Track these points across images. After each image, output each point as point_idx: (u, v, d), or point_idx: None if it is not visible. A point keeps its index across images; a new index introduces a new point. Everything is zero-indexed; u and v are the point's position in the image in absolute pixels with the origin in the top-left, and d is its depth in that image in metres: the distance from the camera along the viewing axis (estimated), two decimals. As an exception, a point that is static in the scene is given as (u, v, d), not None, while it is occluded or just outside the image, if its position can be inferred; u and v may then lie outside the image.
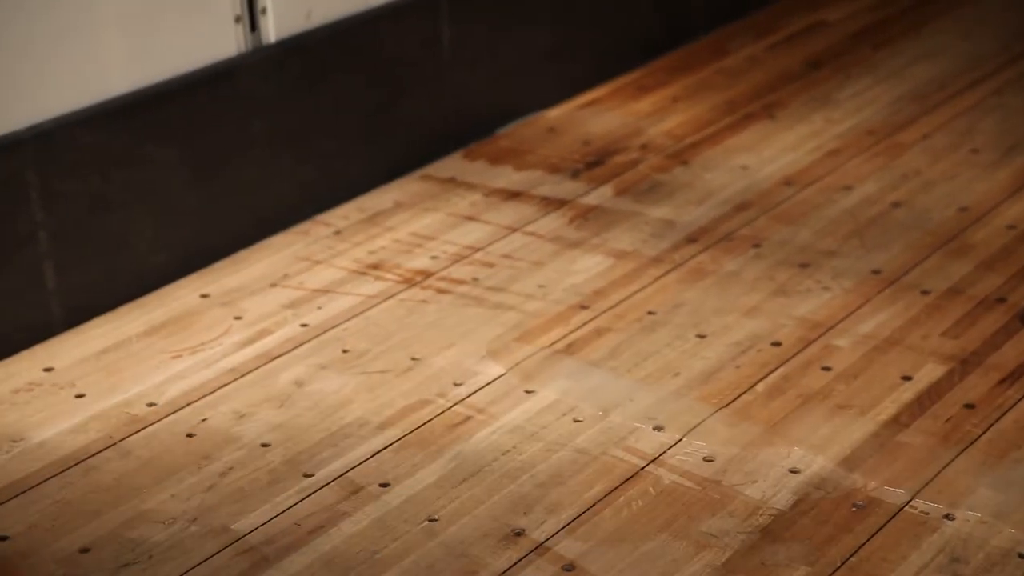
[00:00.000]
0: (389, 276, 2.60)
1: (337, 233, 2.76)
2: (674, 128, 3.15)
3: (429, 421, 2.21)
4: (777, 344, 2.37)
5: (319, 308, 2.51)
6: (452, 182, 2.94)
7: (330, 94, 2.80)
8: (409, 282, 2.59)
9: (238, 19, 2.64)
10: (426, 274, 2.61)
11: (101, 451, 2.16)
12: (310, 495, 2.06)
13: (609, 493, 2.04)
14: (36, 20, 2.35)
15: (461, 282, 2.58)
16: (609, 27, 3.38)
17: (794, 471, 2.07)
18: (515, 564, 1.92)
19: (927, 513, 1.97)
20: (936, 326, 2.40)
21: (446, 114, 3.04)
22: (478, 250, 2.68)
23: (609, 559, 1.92)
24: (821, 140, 3.07)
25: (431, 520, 2.00)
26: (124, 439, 2.19)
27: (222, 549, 1.96)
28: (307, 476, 2.09)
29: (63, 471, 2.12)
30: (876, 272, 2.56)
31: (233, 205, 2.69)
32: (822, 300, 2.49)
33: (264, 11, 2.68)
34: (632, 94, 3.32)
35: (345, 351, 2.39)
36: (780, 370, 2.30)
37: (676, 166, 2.98)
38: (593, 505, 2.02)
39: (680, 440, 2.14)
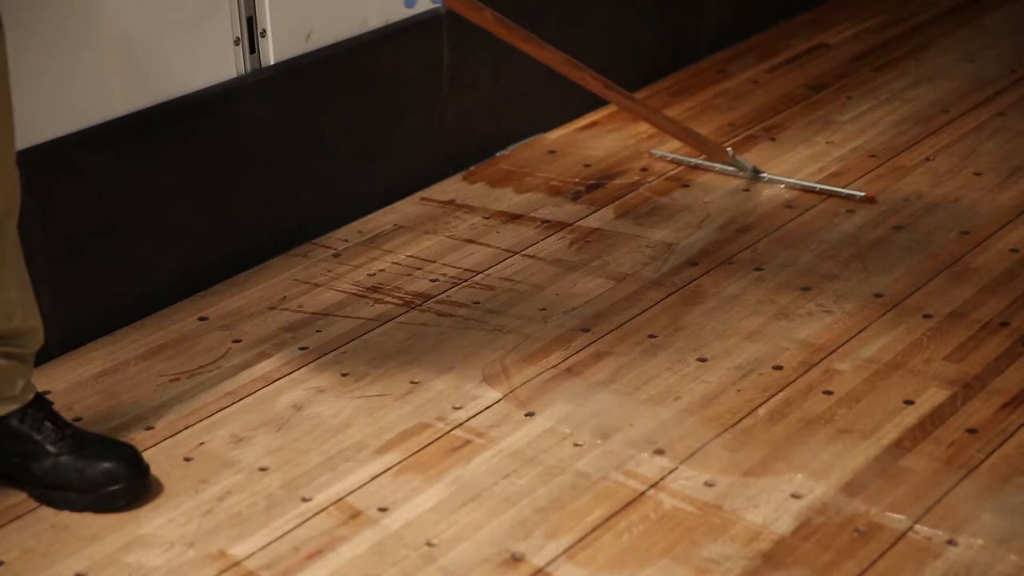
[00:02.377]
0: (389, 299, 2.59)
1: (336, 256, 2.75)
2: (675, 150, 3.14)
3: (428, 445, 2.20)
4: (779, 368, 2.36)
5: (318, 331, 2.50)
6: (452, 205, 2.93)
7: (330, 116, 2.80)
8: (409, 305, 2.58)
9: (237, 41, 2.64)
10: (426, 297, 2.60)
11: (98, 475, 2.15)
12: (308, 519, 2.04)
13: (609, 518, 2.03)
14: (36, 42, 2.34)
15: (461, 305, 2.57)
16: (610, 49, 3.37)
17: (796, 496, 2.05)
18: (514, 590, 1.91)
19: (930, 539, 1.96)
20: (938, 350, 2.39)
21: (446, 136, 3.03)
22: (478, 273, 2.67)
23: (609, 585, 1.91)
24: (823, 163, 3.06)
25: (430, 545, 1.99)
26: (121, 463, 2.18)
27: (219, 574, 1.95)
28: (305, 500, 2.08)
29: (60, 495, 2.11)
30: (878, 296, 2.55)
31: (232, 227, 2.68)
32: (824, 324, 2.48)
33: (264, 33, 2.67)
34: (633, 117, 3.32)
35: (344, 374, 2.38)
36: (781, 394, 2.29)
37: (677, 189, 2.97)
38: (593, 530, 2.01)
39: (681, 464, 2.13)
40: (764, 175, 2.97)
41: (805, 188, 2.92)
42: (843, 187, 2.92)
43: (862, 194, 2.86)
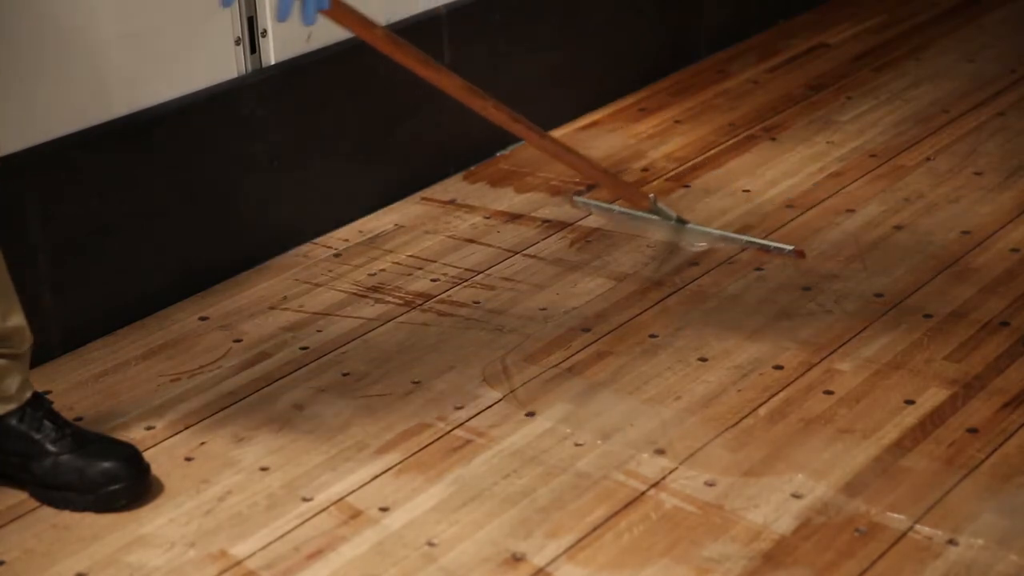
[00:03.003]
0: (389, 299, 2.59)
1: (337, 255, 2.75)
2: (676, 151, 3.14)
3: (429, 445, 2.20)
4: (779, 368, 2.36)
5: (319, 331, 2.50)
6: (452, 204, 2.93)
7: (330, 116, 2.80)
8: (409, 305, 2.58)
9: (238, 41, 2.64)
10: (426, 297, 2.60)
11: (99, 475, 2.15)
12: (309, 519, 2.04)
13: (610, 518, 2.03)
14: (37, 42, 2.34)
15: (462, 305, 2.57)
16: (610, 49, 3.37)
17: (796, 496, 2.05)
18: (515, 589, 1.91)
19: (930, 539, 1.96)
20: (939, 350, 2.39)
21: (446, 136, 3.03)
22: (479, 273, 2.67)
23: (610, 584, 1.91)
24: (823, 163, 3.06)
25: (431, 544, 1.99)
26: (122, 463, 2.18)
27: (220, 574, 1.95)
28: (306, 500, 2.08)
29: (60, 495, 2.11)
30: (878, 295, 2.55)
31: (232, 227, 2.68)
32: (824, 323, 2.48)
33: (264, 33, 2.68)
34: (634, 116, 3.32)
35: (345, 374, 2.38)
36: (782, 394, 2.29)
37: (677, 189, 2.97)
38: (594, 530, 2.01)
39: (681, 464, 2.13)
40: (689, 224, 2.75)
41: (730, 240, 2.71)
42: (770, 239, 2.72)
43: (791, 248, 2.66)
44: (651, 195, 2.74)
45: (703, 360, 2.39)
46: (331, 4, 2.20)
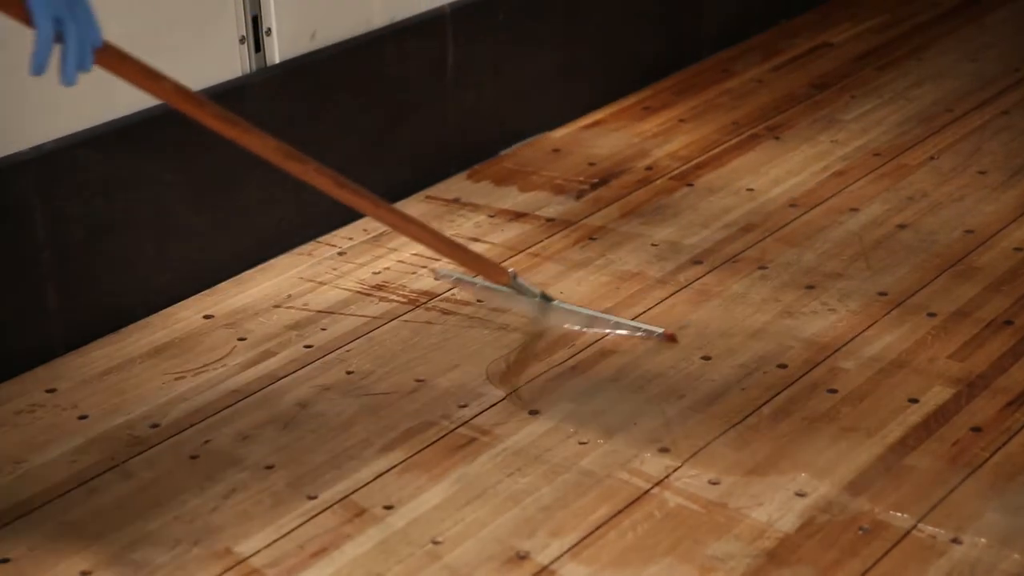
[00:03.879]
0: (393, 297, 2.60)
1: (341, 254, 2.75)
2: (679, 149, 3.14)
3: (433, 443, 2.20)
4: (783, 366, 2.36)
5: (323, 329, 2.51)
6: (456, 203, 2.93)
7: (334, 115, 2.80)
8: (414, 303, 2.58)
9: (243, 40, 2.64)
10: (431, 295, 2.60)
11: (103, 473, 2.16)
12: (313, 517, 2.05)
13: (614, 516, 2.03)
14: (40, 40, 2.34)
15: (466, 303, 2.58)
16: (614, 48, 3.38)
17: (800, 494, 2.06)
18: (519, 587, 1.92)
19: (934, 537, 1.96)
20: (943, 348, 2.39)
21: (450, 135, 3.04)
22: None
23: (614, 583, 1.91)
24: (827, 162, 3.06)
25: (435, 543, 1.99)
26: (127, 461, 2.18)
27: (225, 571, 1.95)
28: (310, 498, 2.09)
29: (65, 493, 2.12)
30: (882, 294, 2.56)
31: (237, 226, 2.68)
32: (828, 322, 2.48)
33: (269, 32, 2.68)
34: (637, 115, 3.32)
35: (349, 372, 2.38)
36: (786, 392, 2.29)
37: (681, 187, 2.98)
38: (598, 528, 2.01)
39: (685, 463, 2.13)
40: (554, 302, 2.49)
41: (597, 319, 2.47)
42: (640, 321, 2.49)
43: (660, 330, 2.43)
44: (511, 270, 2.48)
45: (707, 359, 2.39)
46: (97, 58, 1.84)
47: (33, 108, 2.36)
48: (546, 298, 2.50)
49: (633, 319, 2.49)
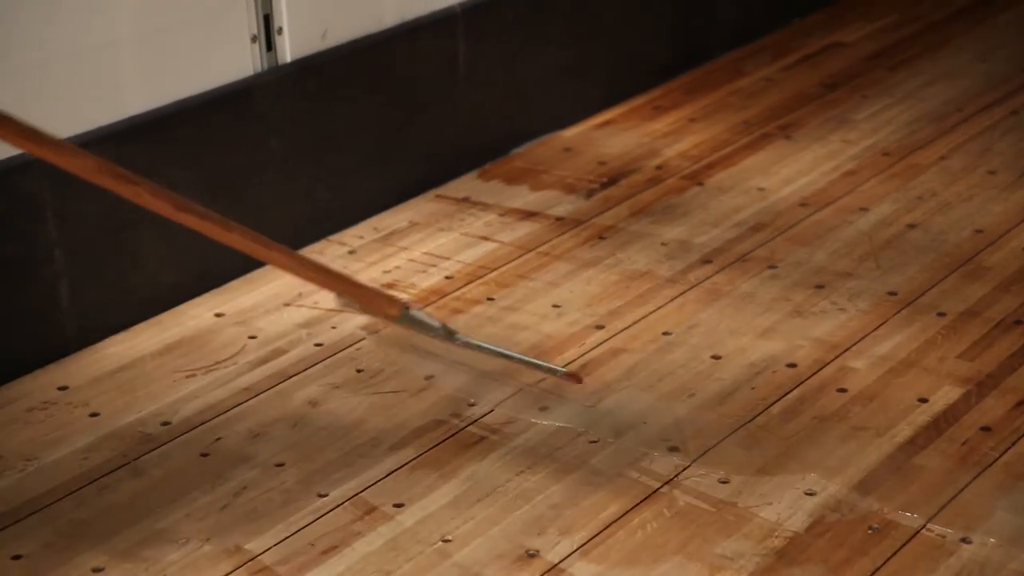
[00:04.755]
0: (403, 295, 2.60)
1: (352, 252, 2.76)
2: (690, 149, 3.14)
3: (443, 441, 2.20)
4: (793, 366, 2.36)
5: (333, 328, 2.51)
6: (467, 202, 2.94)
7: (345, 114, 2.80)
8: (423, 301, 2.58)
9: (254, 39, 2.65)
10: (440, 293, 2.61)
11: (115, 470, 2.16)
12: (324, 515, 2.05)
13: (623, 515, 2.03)
14: (51, 40, 2.35)
15: (476, 302, 2.58)
16: (625, 48, 3.38)
17: (809, 493, 2.06)
18: (529, 586, 1.92)
19: (943, 537, 1.96)
20: (952, 348, 2.39)
21: (461, 134, 3.04)
22: (493, 270, 2.68)
23: (623, 581, 1.92)
24: (837, 161, 3.06)
25: (445, 541, 1.99)
26: (138, 458, 2.19)
27: (235, 569, 1.95)
28: (321, 496, 2.09)
29: (77, 490, 2.12)
30: (892, 294, 2.56)
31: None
32: (838, 321, 2.48)
33: (280, 31, 2.68)
34: (648, 115, 3.32)
35: (359, 371, 2.39)
36: (795, 392, 2.29)
37: (692, 187, 2.98)
38: (607, 526, 2.01)
39: (695, 462, 2.14)
40: (458, 337, 2.26)
41: (502, 356, 2.31)
42: (547, 361, 2.35)
43: (563, 369, 2.30)
44: (404, 301, 2.26)
45: (716, 358, 2.39)
46: None
47: (45, 107, 2.36)
48: (448, 332, 2.25)
49: (636, 321, 2.50)
